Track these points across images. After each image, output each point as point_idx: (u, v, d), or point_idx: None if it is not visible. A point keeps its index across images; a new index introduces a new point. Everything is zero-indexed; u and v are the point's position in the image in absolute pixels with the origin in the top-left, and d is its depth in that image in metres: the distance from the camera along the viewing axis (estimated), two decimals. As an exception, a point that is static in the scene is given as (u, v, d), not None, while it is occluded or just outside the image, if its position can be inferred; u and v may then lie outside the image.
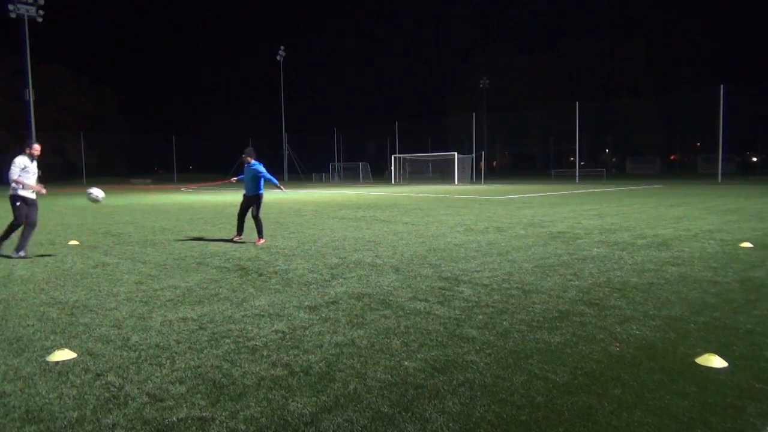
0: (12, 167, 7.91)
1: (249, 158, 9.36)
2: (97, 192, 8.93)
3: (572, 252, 7.83)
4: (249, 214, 9.42)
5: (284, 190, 10.94)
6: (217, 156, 71.68)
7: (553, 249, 8.12)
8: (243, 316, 4.75)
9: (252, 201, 9.42)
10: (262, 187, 9.47)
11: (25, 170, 8.01)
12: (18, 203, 8.02)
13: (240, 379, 3.37)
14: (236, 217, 9.77)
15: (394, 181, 47.77)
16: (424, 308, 4.94)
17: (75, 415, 2.92)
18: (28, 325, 4.57)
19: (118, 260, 7.72)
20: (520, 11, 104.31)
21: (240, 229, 9.52)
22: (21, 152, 8.19)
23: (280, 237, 10.06)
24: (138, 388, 3.24)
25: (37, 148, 8.29)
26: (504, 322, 4.47)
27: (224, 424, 2.79)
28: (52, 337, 4.23)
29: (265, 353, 3.82)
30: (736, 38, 68.00)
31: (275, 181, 9.66)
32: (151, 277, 6.49)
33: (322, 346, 3.96)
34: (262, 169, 9.36)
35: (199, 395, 3.14)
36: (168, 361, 3.69)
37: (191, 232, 10.94)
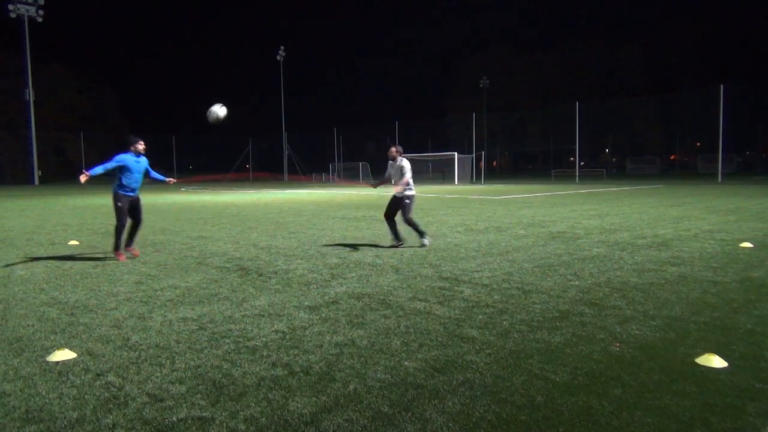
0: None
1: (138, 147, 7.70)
2: (218, 111, 7.71)
3: (572, 252, 7.83)
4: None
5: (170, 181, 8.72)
6: (217, 156, 71.71)
7: (553, 249, 8.12)
8: (243, 316, 4.75)
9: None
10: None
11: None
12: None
13: (240, 379, 3.37)
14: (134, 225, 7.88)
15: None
16: (424, 308, 4.94)
17: (75, 415, 2.92)
18: (28, 325, 4.57)
19: (118, 260, 7.71)
20: (520, 11, 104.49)
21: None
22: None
23: (280, 237, 10.06)
24: (138, 388, 3.24)
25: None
26: (504, 322, 4.47)
27: (224, 424, 2.79)
28: (52, 337, 4.23)
29: (265, 353, 3.82)
30: (736, 38, 68.01)
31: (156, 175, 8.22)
32: (151, 277, 6.49)
33: (322, 346, 3.96)
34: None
35: (199, 395, 3.14)
36: (168, 361, 3.69)
37: (191, 232, 10.93)
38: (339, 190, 31.27)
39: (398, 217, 8.59)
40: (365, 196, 24.09)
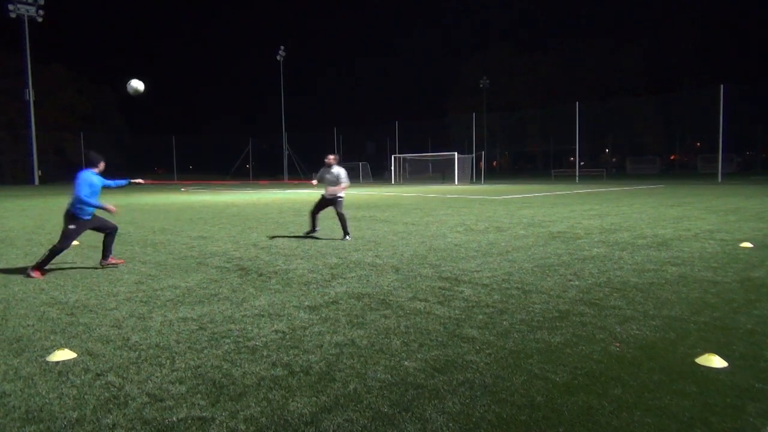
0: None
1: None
2: (136, 85, 7.74)
3: (572, 252, 7.83)
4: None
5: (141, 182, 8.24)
6: (217, 156, 71.78)
7: (553, 249, 8.12)
8: (243, 316, 4.75)
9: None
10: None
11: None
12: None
13: (240, 379, 3.37)
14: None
15: (394, 181, 47.76)
16: (424, 308, 4.94)
17: (75, 415, 2.92)
18: (28, 325, 4.57)
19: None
20: (520, 11, 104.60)
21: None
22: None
23: (280, 237, 10.06)
24: (138, 388, 3.24)
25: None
26: (504, 322, 4.47)
27: (224, 424, 2.79)
28: (52, 337, 4.23)
29: (265, 353, 3.82)
30: (736, 38, 68.00)
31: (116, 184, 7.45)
32: (151, 277, 6.49)
33: (322, 346, 3.96)
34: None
35: (199, 395, 3.14)
36: (168, 361, 3.69)
37: (191, 232, 10.94)
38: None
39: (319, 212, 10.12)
40: (365, 197, 24.10)
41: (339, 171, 9.87)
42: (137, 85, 7.90)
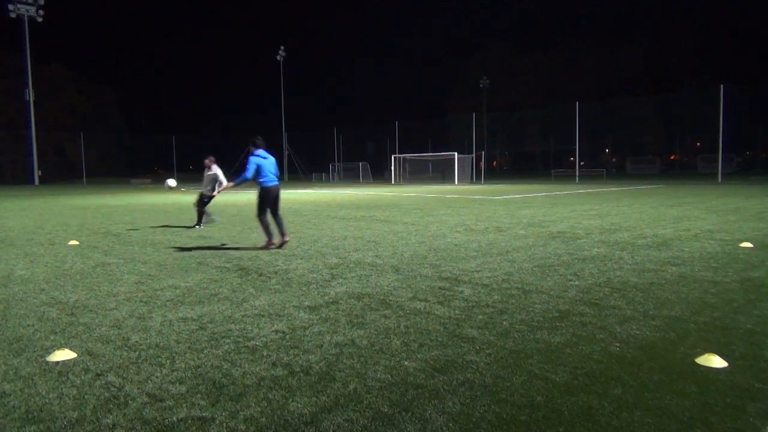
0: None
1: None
2: (171, 183, 10.88)
3: (572, 252, 7.83)
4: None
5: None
6: (217, 156, 71.79)
7: (553, 249, 8.12)
8: (243, 316, 4.75)
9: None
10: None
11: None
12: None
13: (240, 379, 3.37)
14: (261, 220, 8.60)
15: (394, 181, 47.75)
16: (424, 308, 4.94)
17: (75, 415, 2.92)
18: (28, 325, 4.57)
19: (118, 260, 7.72)
20: (520, 11, 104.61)
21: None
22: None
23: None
24: (138, 388, 3.24)
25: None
26: (504, 322, 4.47)
27: (224, 424, 2.79)
28: (52, 337, 4.23)
29: (265, 353, 3.82)
30: (736, 38, 67.97)
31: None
32: (151, 277, 6.49)
33: (322, 346, 3.96)
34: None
35: (199, 395, 3.14)
36: (168, 361, 3.69)
37: (191, 232, 10.93)
38: (339, 190, 31.26)
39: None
40: (365, 197, 24.10)
41: (215, 172, 11.28)
42: (171, 183, 10.69)
